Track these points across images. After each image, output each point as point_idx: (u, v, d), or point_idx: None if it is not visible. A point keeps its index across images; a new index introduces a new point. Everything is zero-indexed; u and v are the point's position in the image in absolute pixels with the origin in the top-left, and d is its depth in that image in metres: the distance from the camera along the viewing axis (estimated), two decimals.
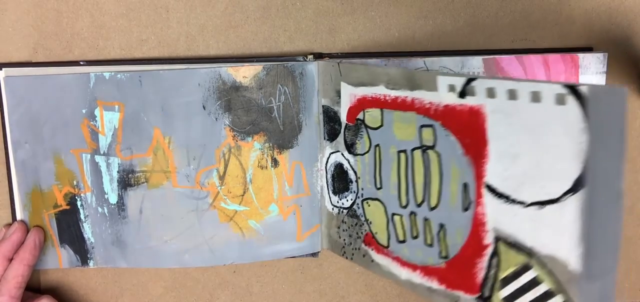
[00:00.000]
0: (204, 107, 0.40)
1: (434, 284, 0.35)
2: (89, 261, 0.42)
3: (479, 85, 0.30)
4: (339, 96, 0.39)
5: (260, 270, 0.45)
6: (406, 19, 0.42)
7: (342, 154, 0.40)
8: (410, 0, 0.42)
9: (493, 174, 0.30)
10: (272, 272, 0.45)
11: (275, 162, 0.42)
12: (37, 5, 0.39)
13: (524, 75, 0.42)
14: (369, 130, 0.38)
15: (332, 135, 0.41)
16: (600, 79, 0.43)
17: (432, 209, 0.34)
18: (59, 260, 0.42)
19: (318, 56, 0.42)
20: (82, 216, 0.42)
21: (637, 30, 0.44)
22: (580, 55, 0.42)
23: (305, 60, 0.41)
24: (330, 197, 0.42)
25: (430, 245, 0.35)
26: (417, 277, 0.36)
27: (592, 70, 0.43)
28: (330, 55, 0.42)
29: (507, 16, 0.43)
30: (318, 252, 0.44)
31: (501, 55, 0.42)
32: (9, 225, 0.41)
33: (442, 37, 0.42)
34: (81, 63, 0.40)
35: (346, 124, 0.39)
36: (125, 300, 0.44)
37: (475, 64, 0.42)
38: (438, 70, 0.41)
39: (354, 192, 0.40)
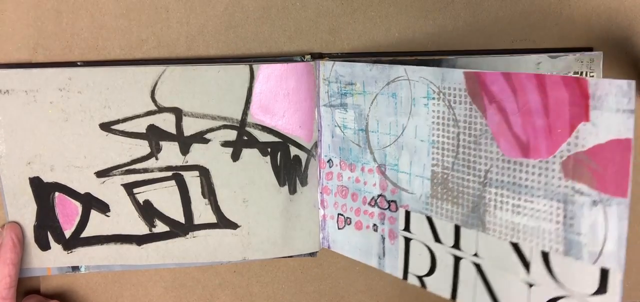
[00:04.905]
0: None
1: None
2: None
3: None
4: None
5: (260, 270, 0.45)
6: (406, 19, 0.42)
7: None
8: (410, 0, 0.42)
9: None
10: (272, 272, 0.45)
11: None
12: (37, 5, 0.39)
13: (513, 97, 0.33)
14: None
15: None
16: (626, 117, 0.28)
17: None
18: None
19: (318, 56, 0.42)
20: None
21: (637, 30, 0.44)
22: (591, 81, 0.29)
23: (303, 60, 0.41)
24: None
25: None
26: None
27: (611, 106, 0.28)
28: (330, 56, 0.42)
29: (507, 16, 0.43)
30: (316, 252, 0.44)
31: (485, 71, 0.34)
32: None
33: (442, 37, 0.42)
34: (78, 64, 0.40)
35: None
36: (125, 300, 0.44)
37: (456, 78, 0.35)
38: None
39: None
